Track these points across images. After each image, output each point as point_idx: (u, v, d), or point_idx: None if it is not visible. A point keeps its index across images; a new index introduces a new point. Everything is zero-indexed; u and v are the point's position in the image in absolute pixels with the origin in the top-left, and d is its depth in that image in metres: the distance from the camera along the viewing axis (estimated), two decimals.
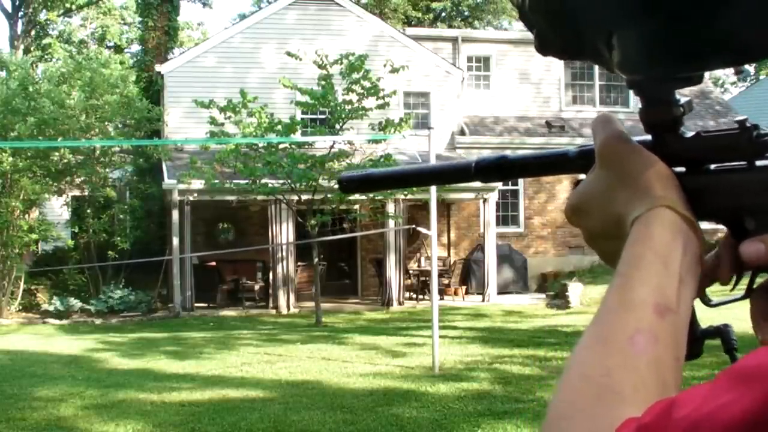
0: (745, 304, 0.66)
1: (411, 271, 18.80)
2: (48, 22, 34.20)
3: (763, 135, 0.63)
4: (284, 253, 17.03)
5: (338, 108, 15.45)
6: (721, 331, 0.66)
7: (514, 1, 0.69)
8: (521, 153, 0.79)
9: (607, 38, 0.63)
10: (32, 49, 31.18)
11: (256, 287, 17.69)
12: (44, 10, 32.93)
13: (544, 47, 0.69)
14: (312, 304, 15.75)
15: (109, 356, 11.34)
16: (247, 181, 15.35)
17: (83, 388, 8.86)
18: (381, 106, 15.35)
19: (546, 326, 13.69)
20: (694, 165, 0.66)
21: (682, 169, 0.66)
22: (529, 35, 0.70)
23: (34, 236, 17.03)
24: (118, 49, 33.55)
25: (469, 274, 19.18)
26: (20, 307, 17.15)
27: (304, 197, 15.41)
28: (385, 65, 15.78)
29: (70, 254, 18.42)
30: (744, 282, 0.66)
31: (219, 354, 11.30)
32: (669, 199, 0.63)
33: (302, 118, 17.34)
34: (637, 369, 0.56)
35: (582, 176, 0.72)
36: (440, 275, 16.53)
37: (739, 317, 0.80)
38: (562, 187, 20.44)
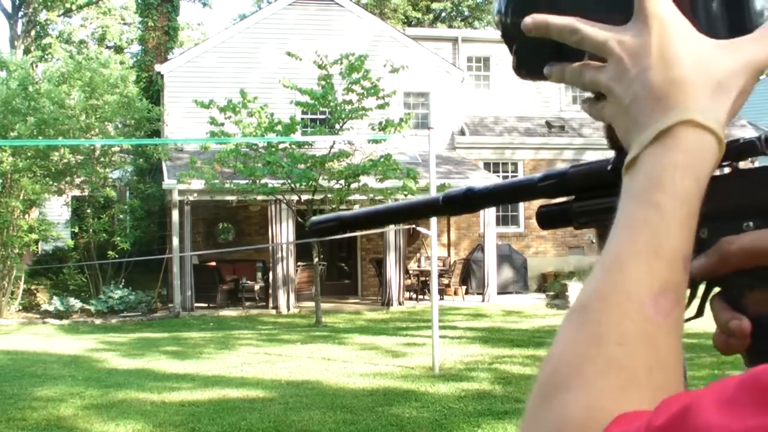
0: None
1: (411, 271, 18.79)
2: (48, 22, 34.18)
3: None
4: (284, 253, 17.02)
5: (338, 108, 15.44)
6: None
7: (495, 18, 0.67)
8: (487, 184, 0.77)
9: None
10: (32, 49, 31.16)
11: (256, 287, 17.68)
12: (44, 11, 32.91)
13: (522, 65, 0.65)
14: (312, 304, 15.74)
15: (109, 356, 11.34)
16: (247, 181, 15.34)
17: (83, 388, 8.86)
18: (381, 106, 15.34)
19: (546, 326, 13.69)
20: None
21: None
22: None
23: (34, 236, 17.02)
24: (118, 49, 33.55)
25: (469, 274, 19.18)
26: (20, 307, 17.14)
27: (304, 197, 15.41)
28: (385, 65, 15.78)
29: (70, 254, 18.42)
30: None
31: (219, 354, 11.30)
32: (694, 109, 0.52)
33: (302, 118, 17.34)
34: (656, 342, 0.47)
35: (549, 201, 0.71)
36: (440, 275, 16.54)
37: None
38: None
